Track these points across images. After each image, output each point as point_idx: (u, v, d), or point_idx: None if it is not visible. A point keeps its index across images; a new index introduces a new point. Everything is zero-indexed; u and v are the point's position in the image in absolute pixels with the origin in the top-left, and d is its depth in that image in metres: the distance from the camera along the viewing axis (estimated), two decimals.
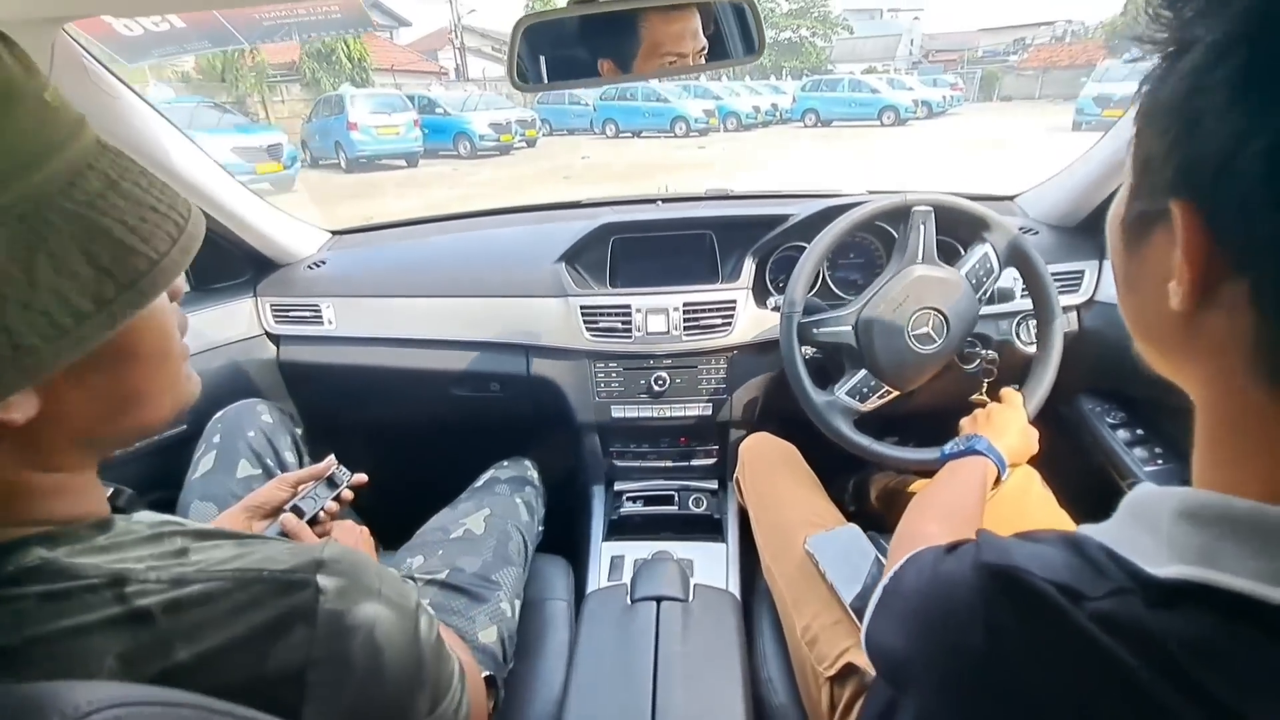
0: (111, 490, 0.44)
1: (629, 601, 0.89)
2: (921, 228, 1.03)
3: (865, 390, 1.05)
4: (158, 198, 0.37)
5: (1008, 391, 1.03)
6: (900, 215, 1.06)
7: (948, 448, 0.87)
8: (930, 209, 1.04)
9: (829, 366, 1.12)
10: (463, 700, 0.56)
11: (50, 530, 0.37)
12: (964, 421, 0.98)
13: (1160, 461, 1.11)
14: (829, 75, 19.06)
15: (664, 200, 1.52)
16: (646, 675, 0.75)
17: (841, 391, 1.05)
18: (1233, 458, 0.32)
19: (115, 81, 0.90)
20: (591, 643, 0.84)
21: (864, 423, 1.07)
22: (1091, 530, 0.36)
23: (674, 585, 0.90)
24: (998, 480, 0.84)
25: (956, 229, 1.13)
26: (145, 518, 0.44)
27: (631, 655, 0.79)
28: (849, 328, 1.04)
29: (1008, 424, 0.92)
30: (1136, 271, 0.35)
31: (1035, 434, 0.96)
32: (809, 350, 1.11)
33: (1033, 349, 1.10)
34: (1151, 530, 0.32)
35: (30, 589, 0.34)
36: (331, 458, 0.84)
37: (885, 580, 0.55)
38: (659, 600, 0.87)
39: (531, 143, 13.43)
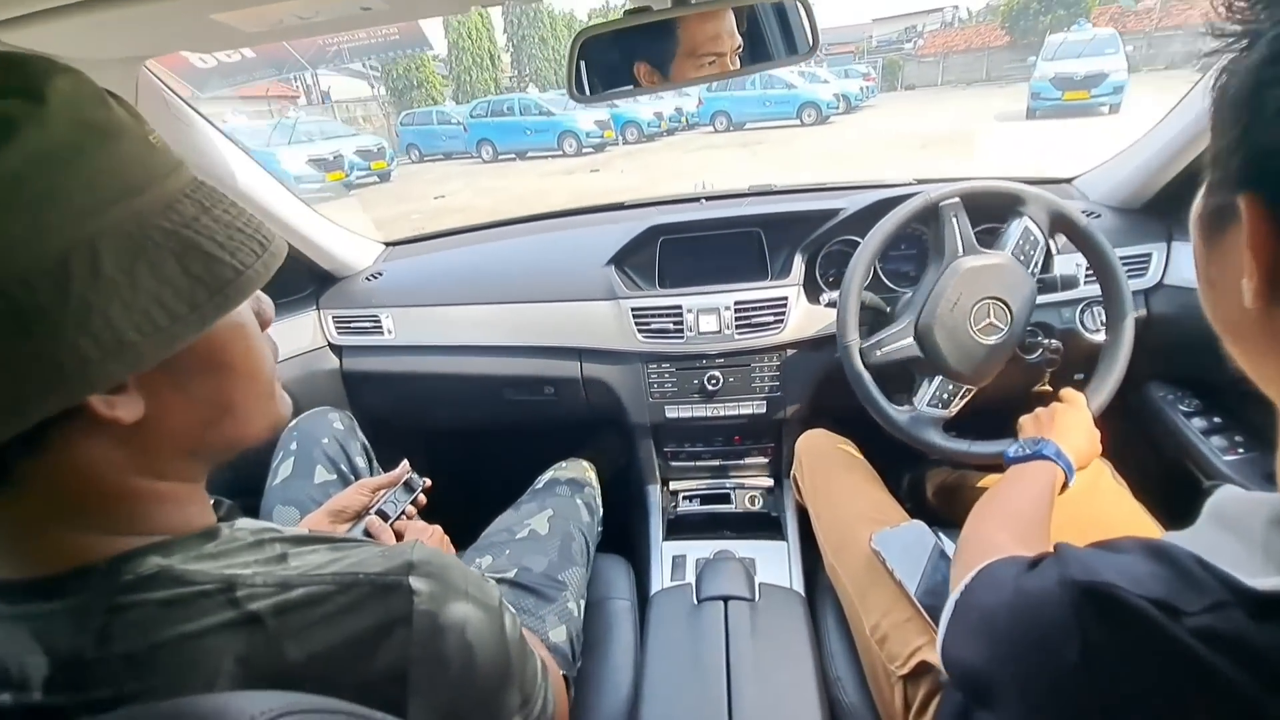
0: (213, 501, 0.47)
1: (695, 601, 0.90)
2: (954, 220, 1.01)
3: (946, 396, 1.03)
4: (245, 223, 0.41)
5: (1069, 392, 0.99)
6: (930, 214, 1.03)
7: (1012, 450, 0.85)
8: (958, 199, 1.02)
9: (897, 375, 1.10)
10: (548, 696, 0.58)
11: (164, 540, 0.40)
12: (1024, 420, 0.95)
13: (1241, 450, 1.06)
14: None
15: (707, 199, 1.52)
16: (720, 674, 0.76)
17: (923, 404, 1.03)
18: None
19: (191, 111, 0.95)
20: (661, 642, 0.85)
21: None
22: (1178, 539, 0.36)
23: (739, 584, 0.90)
24: (1064, 486, 0.82)
25: (994, 213, 1.09)
26: (246, 525, 0.47)
27: (702, 654, 0.80)
28: (910, 340, 1.02)
29: (1071, 425, 0.89)
30: (1216, 268, 0.35)
31: (1098, 435, 0.93)
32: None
33: (1099, 337, 1.07)
34: (1245, 538, 0.32)
35: (150, 595, 0.37)
36: (405, 463, 0.88)
37: (957, 593, 0.54)
38: (726, 600, 0.87)
39: (383, 175, 11.51)
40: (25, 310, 0.31)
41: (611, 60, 0.82)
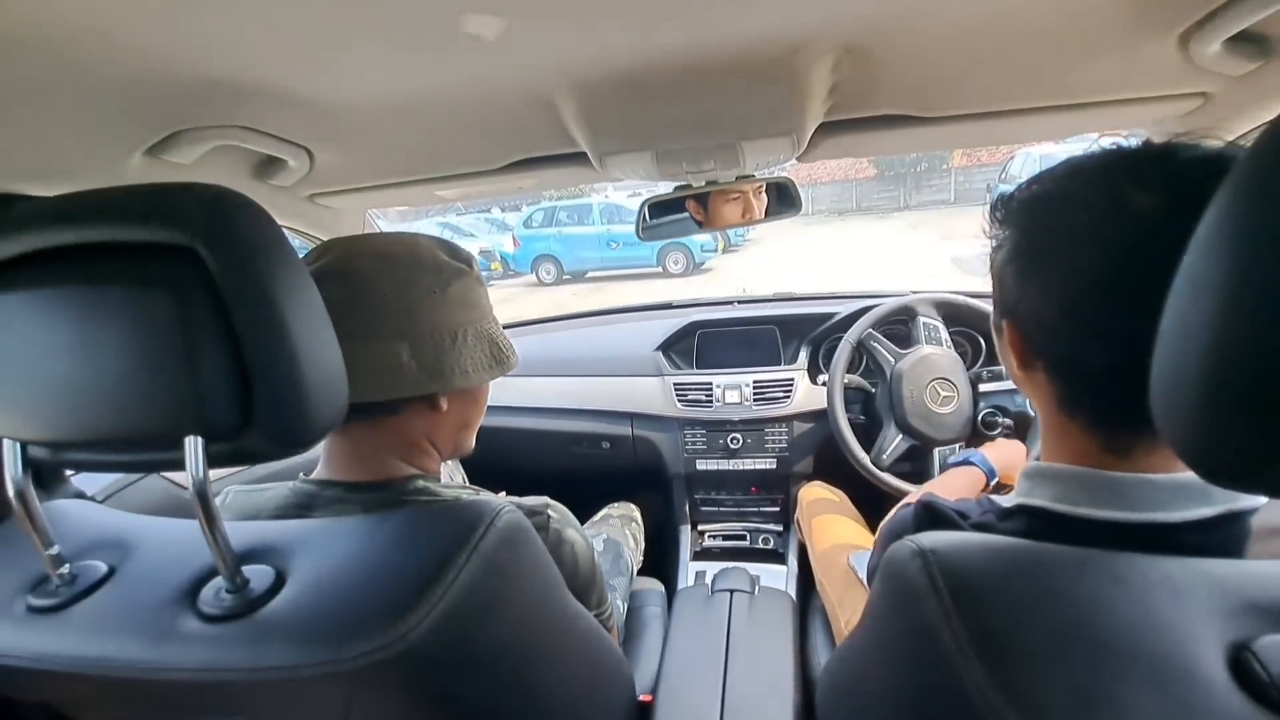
0: None
1: (709, 593, 1.18)
2: (921, 319, 1.38)
3: (896, 443, 1.35)
4: (507, 339, 0.75)
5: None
6: (907, 313, 1.40)
7: (950, 459, 1.15)
8: (929, 302, 1.38)
9: (871, 428, 1.43)
10: (612, 614, 0.89)
11: (425, 474, 0.75)
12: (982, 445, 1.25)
13: None
14: (568, 200, 11.72)
15: (740, 302, 1.92)
16: (721, 647, 1.02)
17: (881, 453, 1.36)
18: (1049, 446, 0.58)
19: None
20: (681, 622, 1.13)
21: (908, 473, 1.36)
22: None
23: (744, 584, 1.19)
24: (986, 487, 1.09)
25: (962, 319, 1.45)
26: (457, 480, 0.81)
27: (709, 632, 1.07)
28: (901, 436, 1.37)
29: (1001, 445, 1.19)
30: (1001, 353, 0.59)
31: (1024, 454, 1.19)
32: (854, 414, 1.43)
33: None
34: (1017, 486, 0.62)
35: (419, 498, 0.72)
36: (503, 493, 1.23)
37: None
38: (732, 592, 1.16)
39: None
40: (441, 348, 0.65)
41: (672, 206, 1.21)
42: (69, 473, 0.77)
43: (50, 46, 0.50)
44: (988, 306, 1.38)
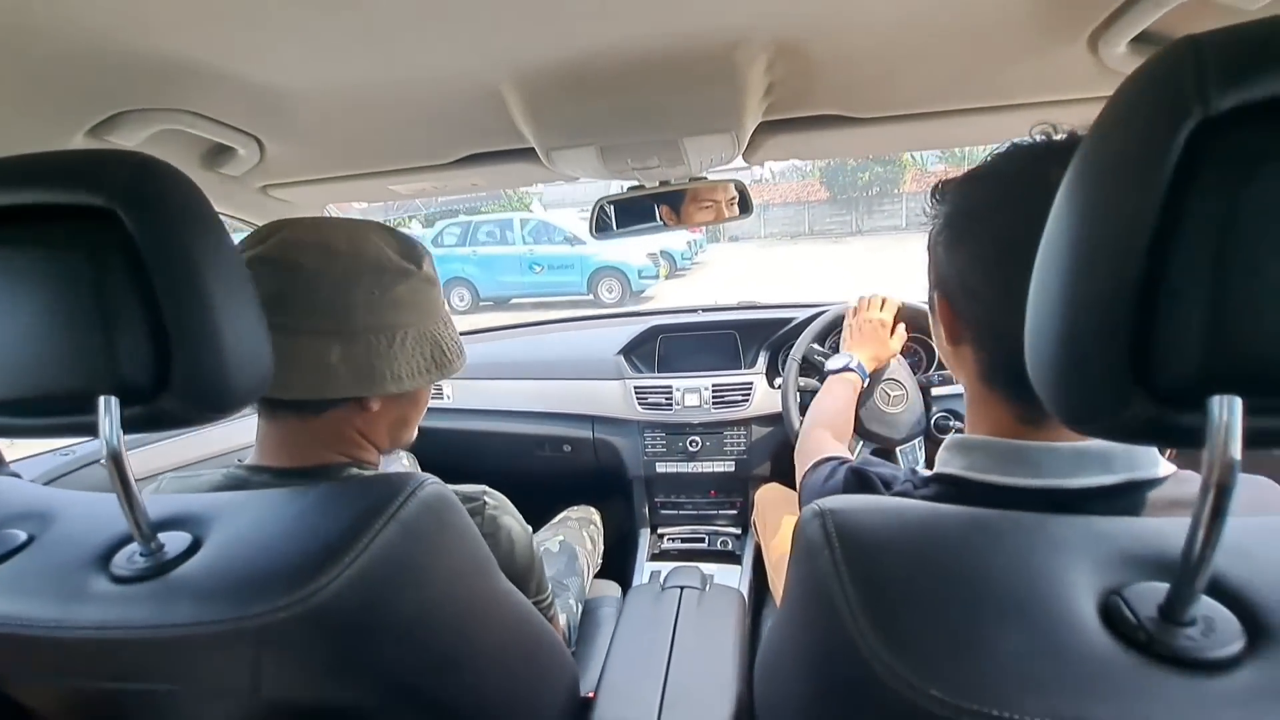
0: None
1: (660, 590, 1.19)
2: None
3: (860, 449, 1.37)
4: (457, 341, 0.75)
5: (890, 301, 1.27)
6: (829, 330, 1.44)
7: (828, 365, 1.16)
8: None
9: None
10: (554, 605, 0.89)
11: (359, 463, 0.74)
12: (843, 336, 1.25)
13: None
14: (488, 215, 10.97)
15: (704, 309, 1.94)
16: (666, 643, 1.02)
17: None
18: (972, 419, 0.62)
19: None
20: (630, 618, 1.13)
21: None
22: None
23: (695, 581, 1.20)
24: (861, 385, 1.12)
25: (910, 325, 1.48)
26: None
27: (657, 629, 1.08)
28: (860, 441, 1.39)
29: (869, 337, 1.19)
30: (933, 327, 0.62)
31: (889, 341, 1.21)
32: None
33: None
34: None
35: (349, 485, 0.71)
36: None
37: (800, 477, 0.83)
38: (682, 589, 1.17)
39: None
40: (374, 350, 0.63)
41: (637, 206, 1.23)
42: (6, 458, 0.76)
43: None
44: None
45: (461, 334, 1.96)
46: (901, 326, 1.25)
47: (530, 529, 0.84)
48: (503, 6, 0.56)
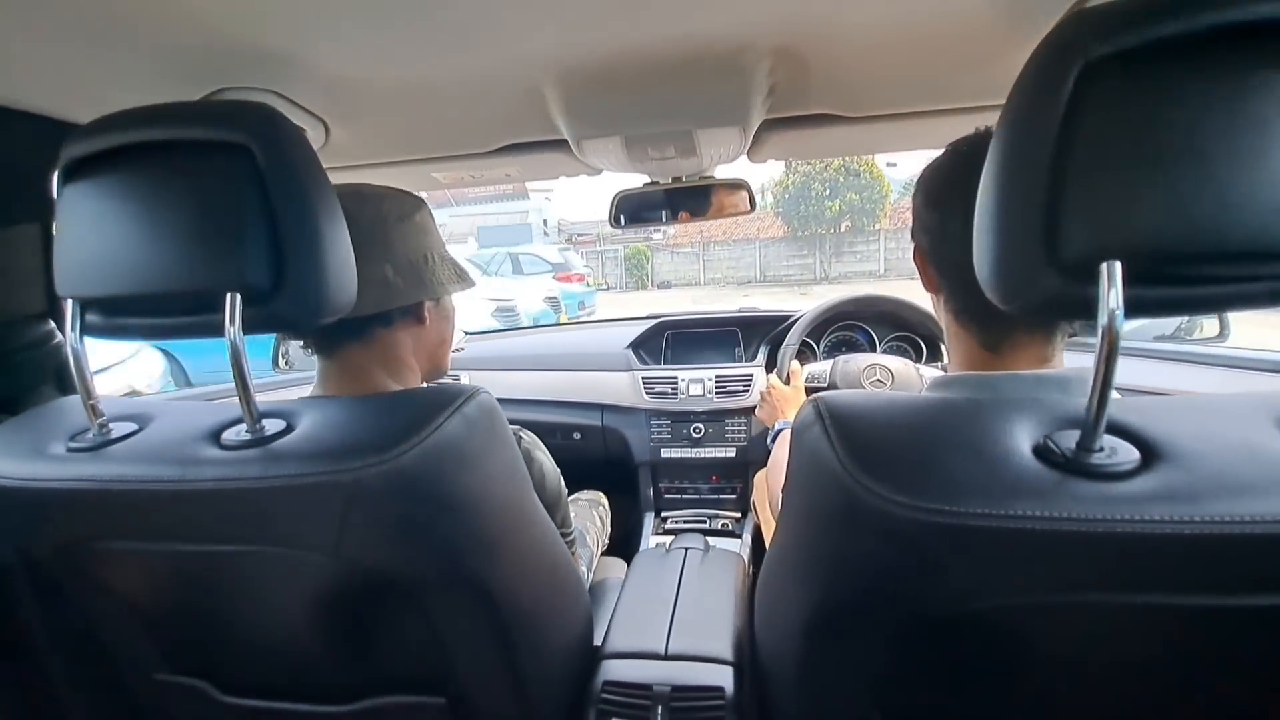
0: None
1: (665, 551, 1.27)
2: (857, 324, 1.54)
3: None
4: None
5: (794, 368, 1.41)
6: (840, 317, 1.56)
7: (771, 434, 1.26)
8: (865, 306, 1.55)
9: None
10: (575, 539, 0.97)
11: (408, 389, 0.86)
12: (760, 414, 1.37)
13: None
14: None
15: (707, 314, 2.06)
16: (671, 592, 1.10)
17: None
18: (951, 359, 0.71)
19: None
20: (638, 572, 1.21)
21: None
22: None
23: (699, 544, 1.28)
24: None
25: (901, 324, 1.60)
26: None
27: (662, 581, 1.15)
28: (825, 375, 1.49)
29: (790, 401, 1.31)
30: (923, 284, 0.75)
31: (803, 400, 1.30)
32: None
33: None
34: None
35: (415, 391, 0.80)
36: None
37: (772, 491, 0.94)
38: (686, 549, 1.25)
39: None
40: (417, 266, 0.77)
41: (650, 200, 1.33)
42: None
43: None
44: (924, 307, 1.54)
45: (478, 333, 2.09)
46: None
47: (558, 469, 0.93)
48: (551, 8, 0.68)
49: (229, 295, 0.53)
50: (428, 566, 0.59)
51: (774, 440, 1.26)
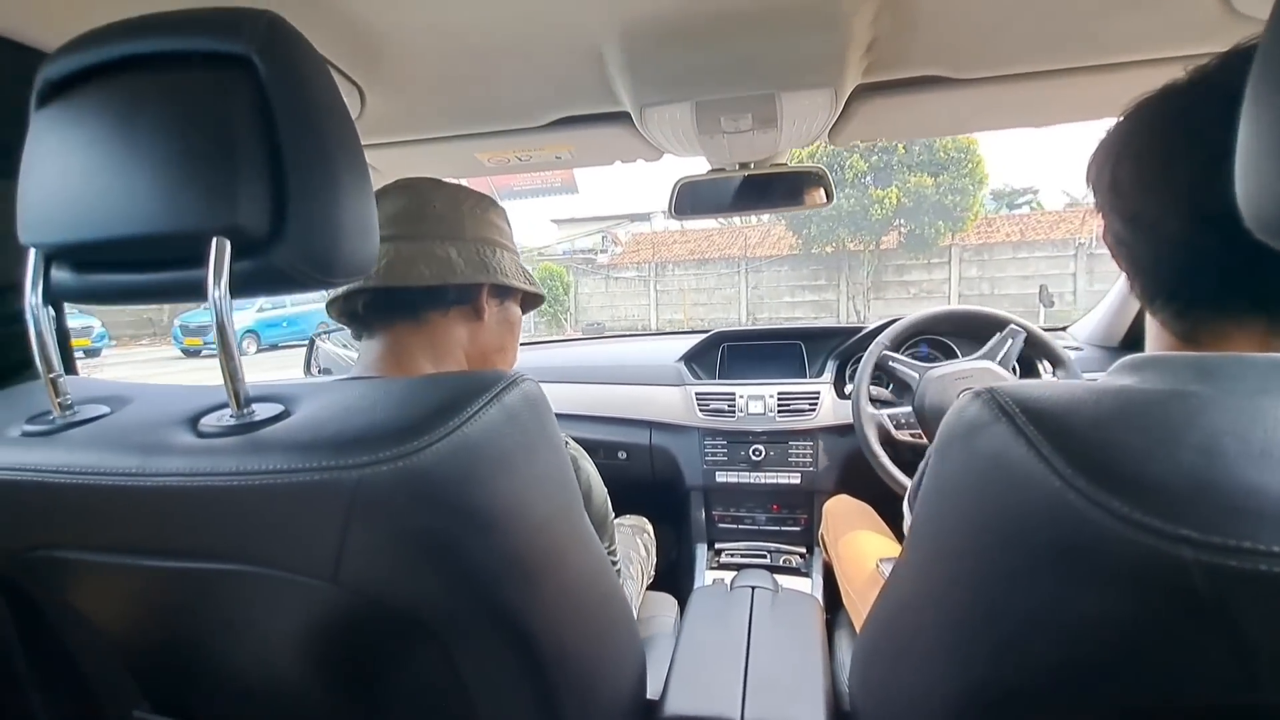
0: None
1: (729, 589, 1.10)
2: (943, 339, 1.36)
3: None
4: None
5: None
6: (927, 330, 1.39)
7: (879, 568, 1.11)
8: (947, 320, 1.37)
9: (910, 462, 1.36)
10: (619, 559, 0.84)
11: None
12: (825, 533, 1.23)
13: None
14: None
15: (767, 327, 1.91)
16: (740, 640, 0.94)
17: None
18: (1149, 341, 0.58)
19: None
20: (696, 617, 1.05)
21: None
22: None
23: (766, 582, 1.11)
24: None
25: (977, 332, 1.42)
26: None
27: (729, 626, 1.00)
28: (909, 408, 1.31)
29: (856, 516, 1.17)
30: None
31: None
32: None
33: None
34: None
35: (449, 375, 0.69)
36: None
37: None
38: (754, 589, 1.08)
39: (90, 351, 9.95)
40: (483, 253, 0.72)
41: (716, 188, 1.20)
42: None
43: None
44: (1006, 315, 1.35)
45: (523, 344, 1.97)
46: None
47: (603, 485, 0.81)
48: None
49: (215, 240, 0.41)
50: (451, 596, 0.45)
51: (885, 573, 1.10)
